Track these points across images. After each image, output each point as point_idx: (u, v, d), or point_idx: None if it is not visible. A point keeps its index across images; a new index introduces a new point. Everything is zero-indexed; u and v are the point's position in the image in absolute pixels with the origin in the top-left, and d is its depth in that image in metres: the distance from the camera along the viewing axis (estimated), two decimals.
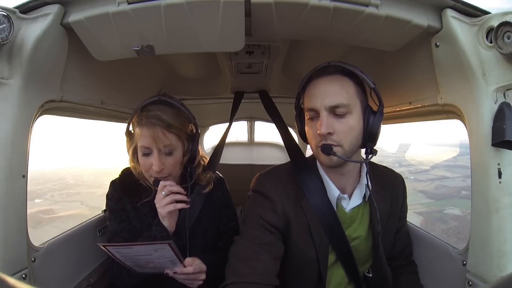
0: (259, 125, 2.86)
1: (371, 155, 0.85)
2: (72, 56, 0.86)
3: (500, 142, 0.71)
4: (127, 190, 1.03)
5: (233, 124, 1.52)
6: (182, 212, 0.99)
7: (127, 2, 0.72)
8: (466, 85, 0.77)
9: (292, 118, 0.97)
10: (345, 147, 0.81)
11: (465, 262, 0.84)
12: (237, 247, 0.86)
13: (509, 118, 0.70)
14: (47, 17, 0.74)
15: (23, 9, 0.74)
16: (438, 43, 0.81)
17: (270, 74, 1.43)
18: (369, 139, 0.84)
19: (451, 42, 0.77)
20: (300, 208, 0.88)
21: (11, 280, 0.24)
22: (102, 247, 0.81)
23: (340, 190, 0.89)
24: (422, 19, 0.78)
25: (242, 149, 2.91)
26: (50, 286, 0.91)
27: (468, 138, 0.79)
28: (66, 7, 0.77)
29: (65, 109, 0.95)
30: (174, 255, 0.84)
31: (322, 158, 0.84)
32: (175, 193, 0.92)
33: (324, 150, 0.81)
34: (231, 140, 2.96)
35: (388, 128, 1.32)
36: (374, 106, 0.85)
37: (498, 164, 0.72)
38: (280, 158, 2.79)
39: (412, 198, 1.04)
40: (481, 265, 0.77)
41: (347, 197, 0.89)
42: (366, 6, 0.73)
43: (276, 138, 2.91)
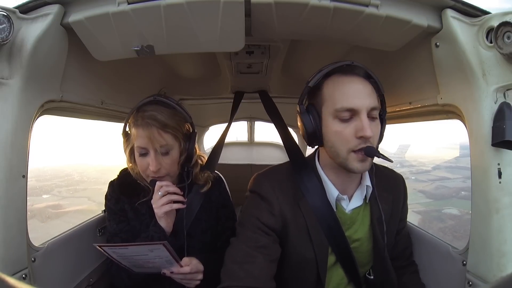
0: (259, 125, 2.86)
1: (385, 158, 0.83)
2: (72, 56, 0.86)
3: (500, 142, 0.70)
4: (126, 190, 1.03)
5: (232, 124, 1.52)
6: (180, 212, 0.98)
7: (127, 2, 0.72)
8: (466, 85, 0.77)
9: (291, 118, 0.97)
10: None
11: (465, 262, 0.83)
12: (232, 249, 0.85)
13: (509, 118, 0.70)
14: (47, 17, 0.74)
15: (23, 9, 0.74)
16: (438, 43, 0.81)
17: (270, 74, 1.43)
18: (379, 142, 0.85)
19: (451, 42, 0.77)
20: (298, 208, 0.87)
21: (11, 280, 0.24)
22: (98, 248, 0.81)
23: (341, 191, 0.88)
24: (422, 19, 0.77)
25: (242, 149, 2.92)
26: (50, 286, 0.91)
27: (468, 138, 0.79)
28: (66, 7, 0.77)
29: (65, 109, 0.95)
30: (169, 256, 0.84)
31: (356, 164, 0.78)
32: (172, 193, 0.93)
33: (369, 152, 0.77)
34: (231, 140, 2.96)
35: (388, 128, 1.32)
36: None
37: (498, 164, 0.72)
38: (280, 158, 2.79)
39: (411, 198, 1.04)
40: (481, 265, 0.77)
41: (347, 198, 0.89)
42: (366, 6, 0.73)
43: (276, 138, 2.92)
